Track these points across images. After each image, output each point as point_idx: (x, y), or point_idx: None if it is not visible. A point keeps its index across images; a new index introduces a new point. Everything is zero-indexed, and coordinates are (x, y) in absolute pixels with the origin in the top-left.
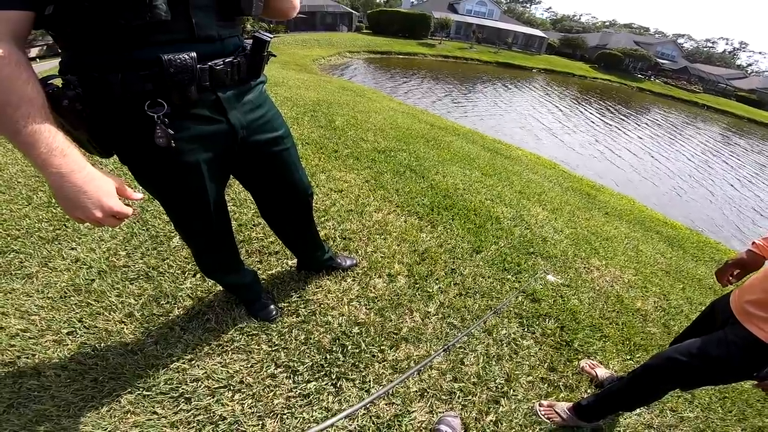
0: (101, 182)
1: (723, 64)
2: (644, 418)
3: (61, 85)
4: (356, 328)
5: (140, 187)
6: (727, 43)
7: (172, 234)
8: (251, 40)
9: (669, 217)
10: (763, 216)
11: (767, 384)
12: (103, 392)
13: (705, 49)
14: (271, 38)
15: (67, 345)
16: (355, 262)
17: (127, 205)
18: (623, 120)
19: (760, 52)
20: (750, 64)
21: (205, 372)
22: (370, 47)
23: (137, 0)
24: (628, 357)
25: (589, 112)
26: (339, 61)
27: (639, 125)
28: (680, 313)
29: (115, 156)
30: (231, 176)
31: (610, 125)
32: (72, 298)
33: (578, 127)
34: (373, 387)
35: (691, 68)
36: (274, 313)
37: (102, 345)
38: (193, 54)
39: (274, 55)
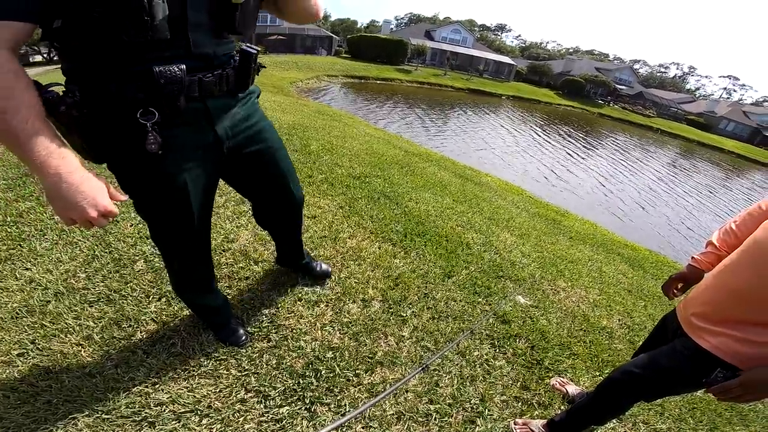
0: (95, 182)
1: (674, 88)
2: None
3: (61, 93)
4: (330, 352)
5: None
6: (677, 68)
7: (136, 257)
8: (238, 54)
9: (629, 240)
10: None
11: (715, 389)
12: (57, 415)
13: (658, 74)
14: (257, 51)
15: (18, 367)
16: (329, 270)
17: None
18: (585, 145)
19: (706, 77)
20: (698, 88)
21: (171, 396)
22: (349, 72)
23: (140, 19)
24: (597, 373)
25: (555, 139)
26: (316, 85)
27: (599, 150)
28: (644, 329)
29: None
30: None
31: (572, 151)
32: (24, 319)
33: (543, 153)
34: (348, 411)
35: (646, 93)
36: (243, 338)
37: (57, 367)
38: (183, 66)
39: (264, 67)
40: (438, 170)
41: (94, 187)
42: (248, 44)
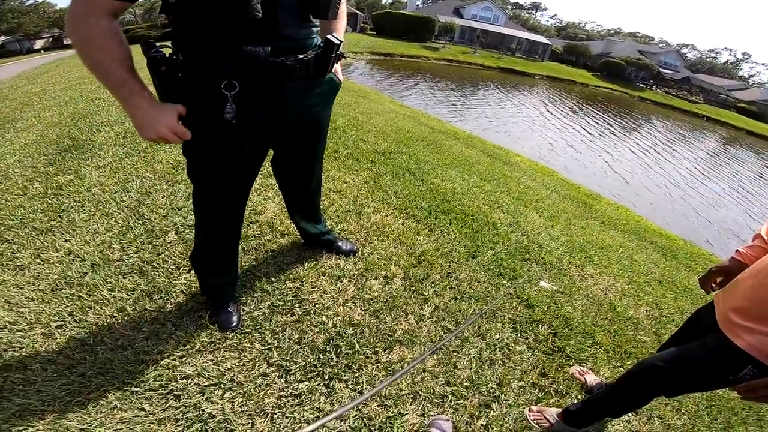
0: (165, 108)
1: (725, 75)
2: (632, 425)
3: (168, 54)
4: (351, 329)
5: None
6: (730, 54)
7: (168, 229)
8: (324, 42)
9: (664, 228)
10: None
11: (742, 387)
12: (90, 387)
13: (708, 59)
14: (341, 41)
15: (56, 339)
16: (354, 248)
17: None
18: (622, 130)
19: (762, 64)
20: (752, 75)
21: (196, 369)
22: (374, 48)
23: (240, 1)
24: (619, 364)
25: (587, 122)
26: (342, 61)
27: (638, 136)
28: (671, 322)
29: None
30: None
31: (609, 135)
32: (63, 291)
33: (575, 136)
34: (365, 389)
35: (693, 78)
36: (234, 324)
37: (92, 339)
38: (268, 48)
39: (345, 57)
40: (465, 148)
41: (161, 115)
42: (334, 34)
